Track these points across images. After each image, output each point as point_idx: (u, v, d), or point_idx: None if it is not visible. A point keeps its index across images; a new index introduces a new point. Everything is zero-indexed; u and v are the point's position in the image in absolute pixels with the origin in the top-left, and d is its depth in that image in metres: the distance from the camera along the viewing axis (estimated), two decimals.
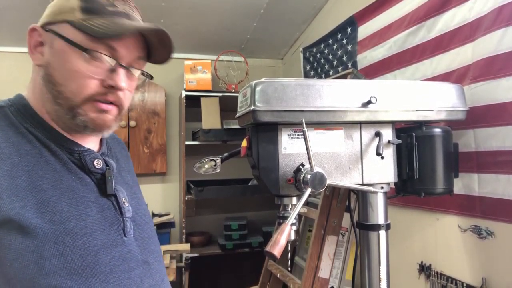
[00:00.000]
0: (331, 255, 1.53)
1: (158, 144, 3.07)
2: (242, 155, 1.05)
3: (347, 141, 1.06)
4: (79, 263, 0.66)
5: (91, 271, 0.67)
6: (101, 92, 0.72)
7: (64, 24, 0.70)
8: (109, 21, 0.70)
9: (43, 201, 0.65)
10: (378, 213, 1.12)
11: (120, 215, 0.76)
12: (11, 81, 2.82)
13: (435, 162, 1.15)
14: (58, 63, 0.70)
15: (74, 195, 0.70)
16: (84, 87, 0.70)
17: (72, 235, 0.66)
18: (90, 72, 0.70)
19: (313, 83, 1.00)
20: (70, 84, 0.70)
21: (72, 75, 0.70)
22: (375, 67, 1.90)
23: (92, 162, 0.75)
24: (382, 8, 1.88)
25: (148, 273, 0.77)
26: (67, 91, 0.70)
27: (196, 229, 3.13)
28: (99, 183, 0.75)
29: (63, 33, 0.70)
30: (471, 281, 1.37)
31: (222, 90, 2.98)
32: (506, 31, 1.21)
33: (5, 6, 2.29)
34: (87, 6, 0.71)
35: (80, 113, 0.71)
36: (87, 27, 0.69)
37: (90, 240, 0.68)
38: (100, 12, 0.71)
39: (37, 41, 0.73)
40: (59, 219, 0.66)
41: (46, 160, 0.70)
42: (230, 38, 2.99)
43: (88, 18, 0.70)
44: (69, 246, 0.65)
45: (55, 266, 0.63)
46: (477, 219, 1.35)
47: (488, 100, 1.27)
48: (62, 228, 0.66)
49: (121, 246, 0.74)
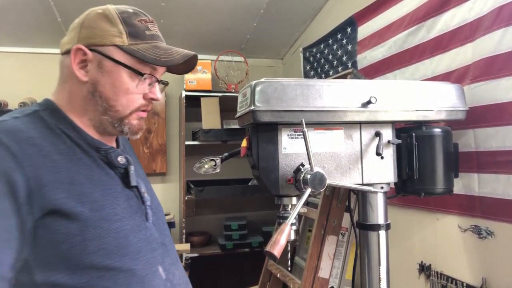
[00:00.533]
0: (331, 255, 1.53)
1: (158, 144, 3.08)
2: (242, 155, 1.05)
3: (347, 141, 1.06)
4: (114, 244, 0.77)
5: (124, 251, 0.78)
6: (144, 104, 0.87)
7: (113, 48, 0.82)
8: (152, 46, 0.83)
9: (82, 193, 0.76)
10: (378, 213, 1.12)
11: (142, 203, 0.89)
12: (11, 81, 2.82)
13: (435, 162, 1.15)
14: (108, 81, 0.82)
15: (105, 187, 0.81)
16: (133, 102, 0.84)
17: (107, 221, 0.77)
18: (138, 90, 0.84)
19: (313, 83, 1.01)
20: (121, 99, 0.83)
21: (122, 92, 0.83)
22: (375, 67, 1.90)
23: (116, 158, 0.87)
24: (382, 8, 1.88)
25: (166, 253, 0.90)
26: (118, 105, 0.83)
27: (196, 229, 3.13)
28: (122, 177, 0.87)
29: (113, 55, 0.81)
30: (471, 281, 1.37)
31: (222, 90, 2.98)
32: (506, 31, 1.21)
33: (5, 6, 2.29)
34: (131, 31, 0.82)
35: (126, 122, 0.85)
36: (138, 52, 0.81)
37: (121, 225, 0.80)
38: (142, 37, 0.83)
39: (81, 59, 0.82)
40: (96, 207, 0.77)
41: (79, 157, 0.80)
42: (230, 38, 2.99)
43: (134, 43, 0.82)
44: (105, 229, 0.76)
45: (95, 247, 0.74)
46: (477, 219, 1.35)
47: (488, 100, 1.27)
48: (99, 215, 0.77)
49: (144, 230, 0.85)
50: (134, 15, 0.85)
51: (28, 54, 2.89)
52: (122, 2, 0.90)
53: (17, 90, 2.73)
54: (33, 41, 2.79)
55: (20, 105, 2.56)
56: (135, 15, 0.85)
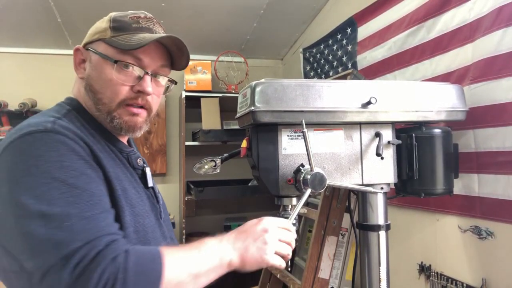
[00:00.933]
0: (331, 255, 1.53)
1: (158, 144, 3.07)
2: (242, 155, 1.05)
3: (347, 141, 1.06)
4: (146, 237, 0.83)
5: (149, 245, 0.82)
6: (132, 96, 0.85)
7: (99, 42, 0.85)
8: (133, 36, 0.83)
9: (124, 189, 0.81)
10: (378, 213, 1.12)
11: (157, 203, 0.94)
12: (11, 81, 2.82)
13: (435, 163, 1.15)
14: (95, 74, 0.84)
15: (134, 185, 0.86)
16: (117, 93, 0.83)
17: (141, 217, 0.83)
18: (121, 80, 0.83)
19: (313, 84, 1.01)
20: (106, 91, 0.83)
21: (106, 83, 0.83)
22: (375, 68, 1.90)
23: (136, 160, 0.92)
24: (381, 9, 1.88)
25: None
26: (104, 97, 0.83)
27: (196, 230, 3.12)
28: (141, 177, 0.92)
29: (97, 49, 0.84)
30: (471, 281, 1.37)
31: (222, 90, 2.98)
32: (506, 31, 1.21)
33: (5, 6, 2.29)
34: (115, 25, 0.85)
35: (115, 116, 0.84)
36: (115, 42, 0.83)
37: (148, 221, 0.86)
38: (126, 29, 0.84)
39: (80, 59, 0.87)
40: (133, 203, 0.82)
41: (112, 156, 0.84)
42: (230, 39, 2.99)
43: (117, 35, 0.84)
44: (141, 224, 0.82)
45: (134, 240, 0.79)
46: (477, 219, 1.35)
47: (488, 100, 1.27)
48: (137, 211, 0.82)
49: (160, 227, 0.91)
50: (130, 13, 0.87)
51: (28, 54, 2.88)
52: (123, 2, 0.90)
53: (17, 90, 2.73)
54: (33, 42, 2.79)
55: (20, 105, 2.56)
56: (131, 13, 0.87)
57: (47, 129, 0.73)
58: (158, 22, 0.91)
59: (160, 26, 0.91)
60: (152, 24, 0.89)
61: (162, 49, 0.88)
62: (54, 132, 0.73)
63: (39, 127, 0.72)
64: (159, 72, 0.89)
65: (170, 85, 0.95)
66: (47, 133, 0.72)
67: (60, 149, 0.71)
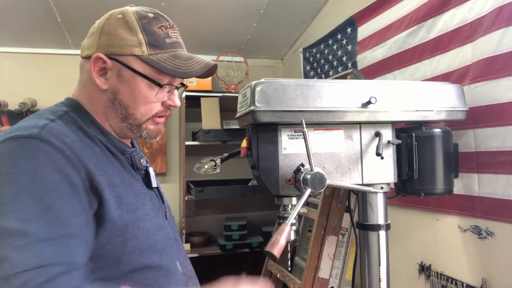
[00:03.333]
0: (331, 255, 1.53)
1: (158, 144, 3.07)
2: (242, 155, 1.05)
3: (347, 141, 1.06)
4: (147, 243, 0.81)
5: (153, 248, 0.82)
6: (163, 111, 0.87)
7: (132, 57, 0.81)
8: (172, 56, 0.82)
9: (118, 196, 0.78)
10: (378, 213, 1.12)
11: (162, 203, 0.94)
12: (11, 81, 2.82)
13: (435, 162, 1.15)
14: (127, 90, 0.82)
15: (134, 188, 0.84)
16: (151, 110, 0.85)
17: (141, 221, 0.81)
18: (157, 99, 0.84)
19: (313, 84, 1.01)
20: (140, 108, 0.83)
21: (141, 101, 0.83)
22: (375, 68, 1.90)
23: (139, 161, 0.91)
24: (381, 9, 1.88)
25: (180, 249, 0.95)
26: (137, 113, 0.84)
27: (196, 229, 3.12)
28: (144, 178, 0.91)
29: (132, 65, 0.81)
30: (471, 281, 1.37)
31: (222, 90, 2.98)
32: (506, 31, 1.21)
33: (5, 6, 2.29)
34: (151, 40, 0.81)
35: (143, 127, 0.86)
36: (157, 63, 0.80)
37: (151, 224, 0.83)
38: (162, 46, 0.82)
39: (101, 67, 0.82)
40: (131, 209, 0.80)
41: (110, 160, 0.82)
42: (230, 38, 2.99)
43: (154, 53, 0.81)
44: (141, 229, 0.80)
45: (133, 247, 0.78)
46: (477, 219, 1.35)
47: (488, 100, 1.27)
48: (135, 216, 0.80)
49: (165, 228, 0.90)
50: (155, 21, 0.83)
51: (28, 54, 2.88)
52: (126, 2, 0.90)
53: (17, 90, 2.73)
54: (33, 41, 2.79)
55: (20, 105, 2.56)
56: (155, 21, 0.83)
57: (32, 135, 0.70)
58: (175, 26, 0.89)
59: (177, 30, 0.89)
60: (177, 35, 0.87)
61: None
62: (39, 139, 0.69)
63: (25, 132, 0.70)
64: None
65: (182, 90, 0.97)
66: (30, 140, 0.69)
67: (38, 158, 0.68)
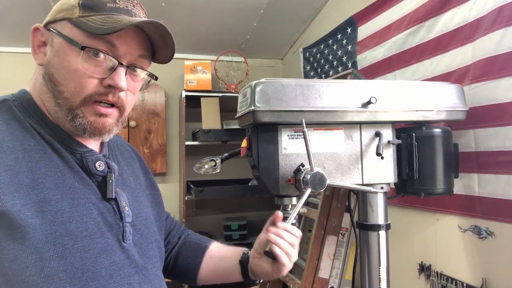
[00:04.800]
0: (331, 255, 1.53)
1: (158, 144, 3.07)
2: (242, 155, 1.05)
3: (347, 141, 1.06)
4: (79, 266, 0.64)
5: (91, 275, 0.65)
6: (101, 92, 0.69)
7: (64, 22, 0.69)
8: (107, 18, 0.68)
9: (44, 200, 0.63)
10: (378, 213, 1.12)
11: (120, 219, 0.74)
12: (11, 81, 2.82)
13: (435, 162, 1.15)
14: (57, 61, 0.69)
15: (76, 195, 0.68)
16: (82, 86, 0.68)
17: (73, 237, 0.64)
18: (89, 71, 0.68)
19: (313, 84, 1.01)
20: (69, 83, 0.68)
21: (70, 73, 0.68)
22: (375, 68, 1.90)
23: (94, 164, 0.73)
24: (381, 9, 1.88)
25: (146, 279, 0.76)
26: (67, 91, 0.68)
27: (196, 229, 3.08)
28: (100, 186, 0.74)
29: (62, 31, 0.69)
30: (471, 281, 1.37)
31: (222, 90, 2.98)
32: (506, 31, 1.21)
33: (5, 6, 2.29)
34: (85, 2, 0.69)
35: (78, 114, 0.69)
36: (84, 23, 0.67)
37: (90, 243, 0.67)
38: (99, 9, 0.69)
39: (40, 41, 0.72)
40: (60, 220, 0.64)
41: (50, 157, 0.68)
42: (230, 38, 2.99)
43: (87, 15, 0.68)
44: (69, 248, 0.63)
45: (54, 269, 0.61)
46: (477, 219, 1.35)
47: (488, 100, 1.27)
48: (63, 229, 0.64)
49: (120, 251, 0.72)
50: None
51: (28, 54, 2.87)
52: None
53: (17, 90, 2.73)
54: None
55: None
56: None
57: None
58: (139, 4, 0.76)
59: (142, 9, 0.76)
60: (132, 5, 0.73)
61: (142, 36, 0.72)
62: None
63: None
64: (136, 63, 0.73)
65: (149, 80, 0.79)
66: None
67: None
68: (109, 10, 0.69)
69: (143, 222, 0.82)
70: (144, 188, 0.92)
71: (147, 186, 0.94)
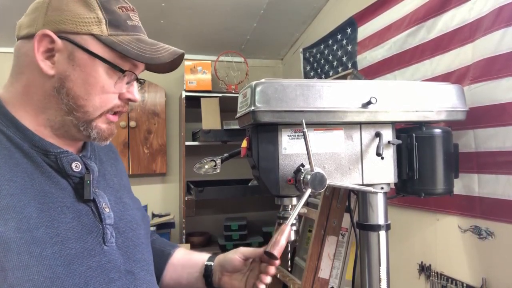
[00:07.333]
0: (331, 255, 1.53)
1: (158, 144, 3.07)
2: (242, 155, 1.05)
3: (347, 141, 1.06)
4: (47, 275, 0.60)
5: (61, 283, 0.62)
6: (119, 104, 0.73)
7: (89, 37, 0.68)
8: (135, 39, 0.71)
9: (8, 207, 0.60)
10: (378, 213, 1.12)
11: (100, 222, 0.72)
12: None
13: (435, 163, 1.15)
14: (79, 76, 0.68)
15: (45, 200, 0.65)
16: (107, 102, 0.71)
17: (40, 244, 0.61)
18: (115, 88, 0.71)
19: (313, 84, 1.01)
20: (94, 98, 0.69)
21: (96, 90, 0.69)
22: (375, 68, 1.90)
23: (70, 165, 0.71)
24: (381, 9, 1.88)
25: (132, 284, 0.73)
26: (89, 105, 0.69)
27: (196, 230, 3.12)
28: (77, 188, 0.71)
29: (89, 47, 0.68)
30: (471, 281, 1.37)
31: (222, 90, 2.98)
32: (506, 31, 1.21)
33: (5, 6, 2.29)
34: (111, 19, 0.69)
35: (94, 126, 0.71)
36: (119, 45, 0.68)
37: (61, 249, 0.63)
38: (123, 27, 0.71)
39: (47, 48, 0.68)
40: (25, 227, 0.60)
41: (16, 162, 0.65)
42: (230, 39, 2.99)
43: (115, 33, 0.69)
44: (35, 256, 0.60)
45: (18, 279, 0.58)
46: (477, 219, 1.35)
47: (488, 100, 1.27)
48: (29, 237, 0.60)
49: (100, 255, 0.69)
50: (114, 1, 0.71)
51: None
52: None
53: None
54: None
55: None
56: (115, 1, 0.72)
57: None
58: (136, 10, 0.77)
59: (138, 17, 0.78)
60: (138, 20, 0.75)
61: None
62: None
63: None
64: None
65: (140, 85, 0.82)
66: None
67: None
68: (131, 30, 0.72)
69: (127, 224, 0.79)
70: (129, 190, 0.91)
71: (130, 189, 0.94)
